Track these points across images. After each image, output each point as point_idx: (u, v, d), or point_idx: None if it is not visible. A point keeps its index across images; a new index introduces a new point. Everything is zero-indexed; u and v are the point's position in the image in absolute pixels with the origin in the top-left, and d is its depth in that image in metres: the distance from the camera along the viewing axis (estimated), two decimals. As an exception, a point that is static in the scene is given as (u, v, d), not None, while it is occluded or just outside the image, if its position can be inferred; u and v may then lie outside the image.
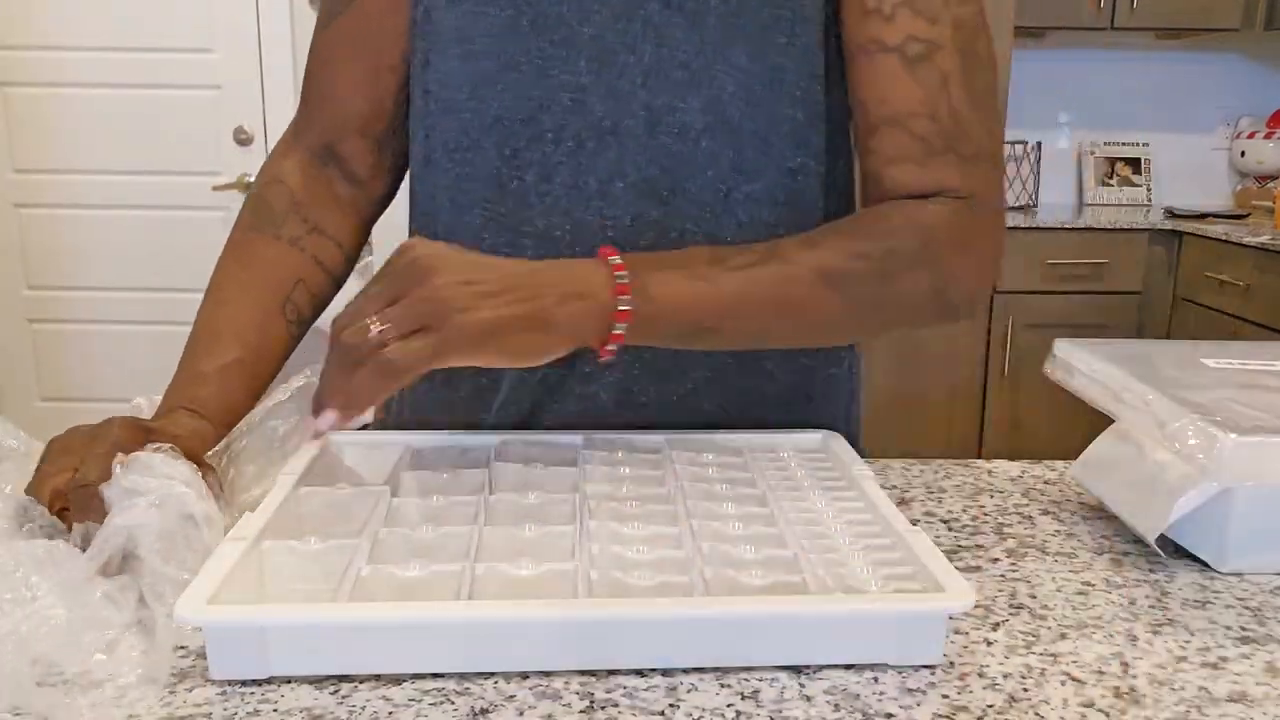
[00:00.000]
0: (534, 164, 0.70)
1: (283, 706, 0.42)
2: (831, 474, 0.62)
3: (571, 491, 0.58)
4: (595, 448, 0.65)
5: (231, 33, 3.06)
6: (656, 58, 0.68)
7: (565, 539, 0.52)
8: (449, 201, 0.73)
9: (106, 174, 3.13)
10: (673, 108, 0.68)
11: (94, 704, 0.41)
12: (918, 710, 0.42)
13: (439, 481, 0.59)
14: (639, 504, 0.56)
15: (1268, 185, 3.25)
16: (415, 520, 0.54)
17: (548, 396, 0.72)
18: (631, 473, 0.61)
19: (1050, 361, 0.70)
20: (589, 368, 0.71)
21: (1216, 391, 0.60)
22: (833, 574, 0.48)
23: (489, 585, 0.47)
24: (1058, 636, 0.48)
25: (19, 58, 3.05)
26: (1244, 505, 0.54)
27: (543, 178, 0.70)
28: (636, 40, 0.68)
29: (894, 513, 0.53)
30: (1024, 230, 2.84)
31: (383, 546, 0.50)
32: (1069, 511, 0.65)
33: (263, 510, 0.52)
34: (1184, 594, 0.53)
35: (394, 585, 0.47)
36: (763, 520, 0.54)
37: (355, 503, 0.56)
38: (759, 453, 0.65)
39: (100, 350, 3.21)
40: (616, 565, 0.48)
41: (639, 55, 0.68)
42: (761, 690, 0.43)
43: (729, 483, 0.60)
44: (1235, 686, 0.44)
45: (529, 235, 0.70)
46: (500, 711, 0.41)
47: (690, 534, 0.52)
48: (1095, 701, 0.43)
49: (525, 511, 0.56)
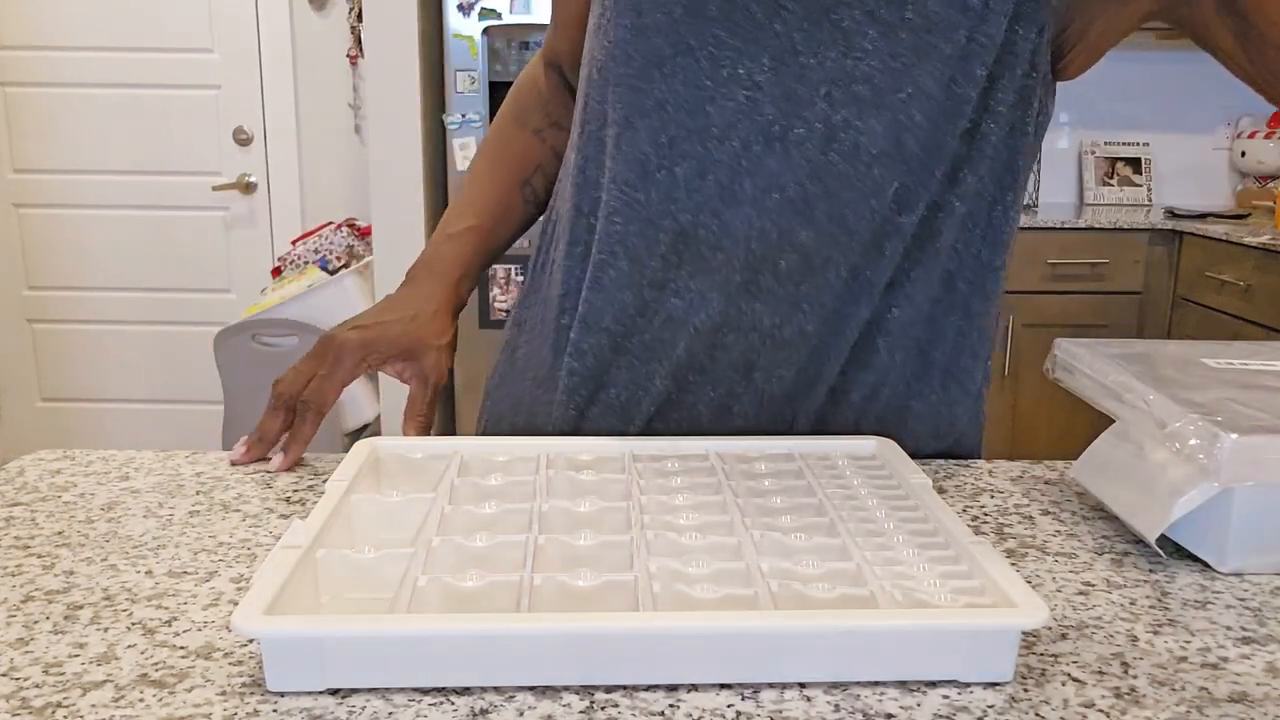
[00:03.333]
0: (690, 157, 0.67)
1: (283, 707, 0.41)
2: (889, 482, 0.60)
3: (624, 499, 0.57)
4: (645, 454, 0.64)
5: (231, 33, 3.06)
6: (841, 67, 0.64)
7: (622, 549, 0.51)
8: (592, 177, 0.72)
9: (106, 174, 3.13)
10: (851, 125, 0.65)
11: (94, 704, 0.41)
12: (918, 710, 0.42)
13: (490, 489, 0.58)
14: (695, 513, 0.55)
15: (1268, 185, 3.25)
16: (468, 528, 0.53)
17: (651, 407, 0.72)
18: (684, 481, 0.60)
19: (1050, 361, 0.70)
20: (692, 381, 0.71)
21: (1216, 391, 0.60)
22: (900, 587, 0.47)
23: (547, 596, 0.46)
24: (1058, 636, 0.48)
25: (19, 58, 3.05)
26: (1244, 505, 0.54)
27: (696, 173, 0.67)
28: (822, 44, 0.64)
29: (956, 522, 0.52)
30: (1024, 230, 2.84)
31: (436, 555, 0.50)
32: (1069, 511, 0.65)
33: (315, 517, 0.51)
34: (1184, 594, 0.53)
35: (451, 596, 0.46)
36: (823, 530, 0.53)
37: (406, 510, 0.55)
38: (812, 460, 0.64)
39: (100, 350, 3.22)
40: (678, 578, 0.48)
41: (821, 60, 0.64)
42: (761, 691, 0.43)
43: (785, 492, 0.58)
44: (1236, 687, 0.44)
45: (666, 230, 0.68)
46: (500, 712, 0.41)
47: (752, 545, 0.51)
48: (1095, 702, 0.43)
49: (579, 520, 0.55)
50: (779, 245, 0.67)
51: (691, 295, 0.69)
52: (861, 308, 0.69)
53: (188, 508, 0.62)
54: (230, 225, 3.16)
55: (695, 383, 0.71)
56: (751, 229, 0.67)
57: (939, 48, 0.64)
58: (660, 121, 0.67)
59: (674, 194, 0.68)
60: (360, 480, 0.58)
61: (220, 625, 0.48)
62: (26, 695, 0.42)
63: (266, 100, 3.08)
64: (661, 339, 0.70)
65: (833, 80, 0.64)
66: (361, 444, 0.63)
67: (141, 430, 3.25)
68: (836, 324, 0.69)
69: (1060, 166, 3.39)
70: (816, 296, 0.68)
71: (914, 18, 0.63)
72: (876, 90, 0.64)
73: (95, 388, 3.23)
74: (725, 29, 0.65)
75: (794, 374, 0.70)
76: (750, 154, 0.66)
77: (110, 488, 0.65)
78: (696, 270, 0.69)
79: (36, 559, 0.55)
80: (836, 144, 0.65)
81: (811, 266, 0.67)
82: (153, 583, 0.52)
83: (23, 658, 0.45)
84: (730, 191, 0.67)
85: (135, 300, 3.18)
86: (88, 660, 0.45)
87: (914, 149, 0.65)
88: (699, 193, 0.67)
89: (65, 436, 3.22)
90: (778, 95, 0.65)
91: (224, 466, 0.70)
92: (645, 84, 0.67)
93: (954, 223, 0.69)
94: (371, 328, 0.74)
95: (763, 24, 0.65)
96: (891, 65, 0.64)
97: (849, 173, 0.65)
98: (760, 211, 0.66)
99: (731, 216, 0.67)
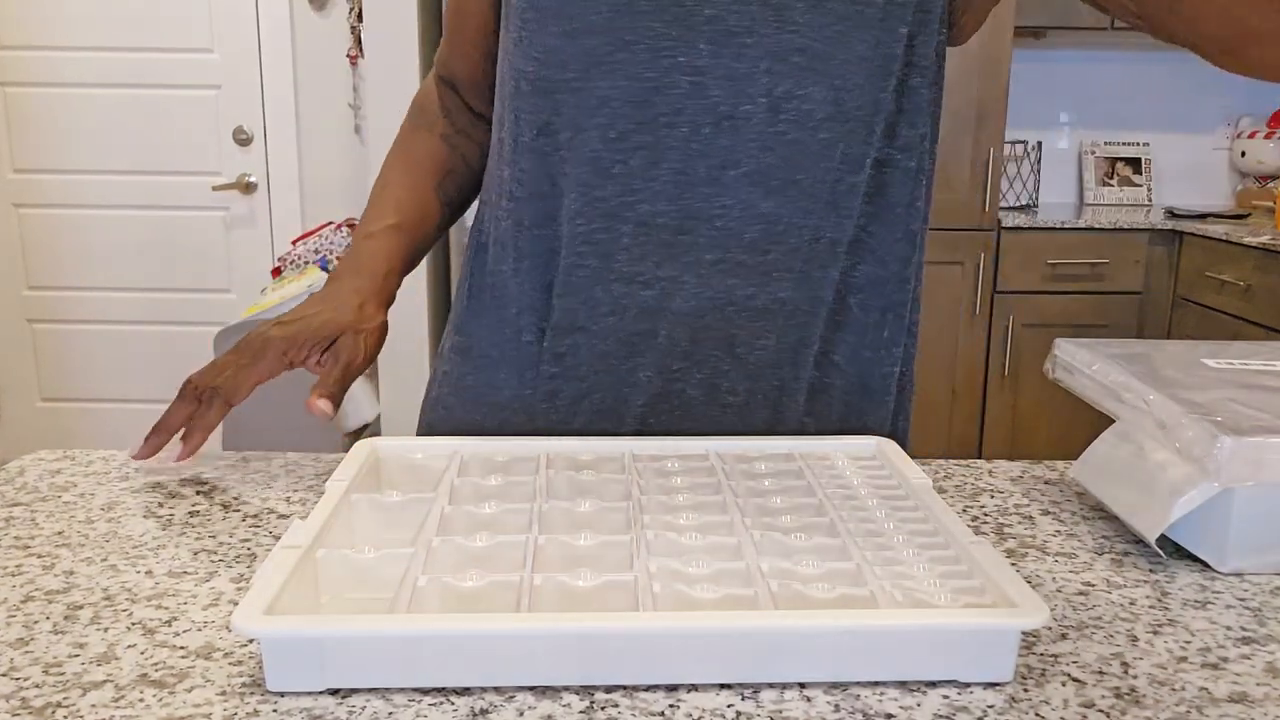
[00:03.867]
0: (642, 148, 0.68)
1: (282, 707, 0.41)
2: (889, 482, 0.60)
3: (624, 499, 0.57)
4: (645, 454, 0.64)
5: (231, 33, 3.06)
6: (777, 42, 0.66)
7: (622, 549, 0.51)
8: (546, 185, 0.72)
9: (106, 174, 3.13)
10: (794, 95, 0.67)
11: (94, 704, 0.41)
12: (918, 710, 0.42)
13: (489, 489, 0.58)
14: (695, 513, 0.55)
15: (1268, 185, 3.25)
16: (468, 529, 0.53)
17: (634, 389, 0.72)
18: (684, 481, 0.60)
19: (1050, 361, 0.70)
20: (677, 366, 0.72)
21: (1216, 391, 0.60)
22: (900, 587, 0.47)
23: (547, 596, 0.46)
24: (1058, 636, 0.48)
25: (19, 58, 3.05)
26: (1244, 505, 0.54)
27: (650, 163, 0.68)
28: (756, 22, 0.66)
29: (956, 522, 0.52)
30: (1024, 230, 2.84)
31: (436, 555, 0.50)
32: (1069, 511, 0.65)
33: (315, 517, 0.51)
34: (1184, 594, 0.53)
35: (451, 596, 0.46)
36: (823, 530, 0.53)
37: (406, 510, 0.55)
38: (812, 460, 0.64)
39: (100, 350, 3.22)
40: (678, 578, 0.48)
41: (758, 37, 0.66)
42: (761, 691, 0.43)
43: (785, 492, 0.58)
44: (1236, 687, 0.44)
45: (628, 220, 0.69)
46: (500, 712, 0.41)
47: (752, 545, 0.51)
48: (1095, 702, 0.43)
49: (579, 520, 0.55)
50: (742, 219, 0.69)
51: (663, 284, 0.70)
52: (830, 269, 0.72)
53: (188, 508, 0.62)
54: (230, 225, 3.15)
55: (681, 370, 0.72)
56: (713, 208, 0.68)
57: (864, 12, 0.67)
58: (608, 118, 0.68)
59: (631, 185, 0.69)
60: (360, 480, 0.58)
61: (220, 625, 0.48)
62: (26, 695, 0.42)
63: (266, 100, 3.08)
64: (639, 331, 0.71)
65: (772, 54, 0.66)
66: (361, 444, 0.63)
67: (141, 430, 3.25)
68: (808, 287, 0.71)
69: (1060, 166, 3.39)
70: (785, 262, 0.70)
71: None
72: (813, 59, 0.67)
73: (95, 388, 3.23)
74: (659, 20, 0.66)
75: (775, 341, 0.72)
76: (701, 136, 0.67)
77: (110, 488, 0.65)
78: (664, 259, 0.70)
79: (36, 559, 0.55)
80: (784, 114, 0.67)
81: (775, 234, 0.69)
82: (153, 583, 0.52)
83: (23, 658, 0.45)
84: (685, 175, 0.68)
85: (135, 300, 3.18)
86: (88, 660, 0.45)
87: (854, 108, 0.68)
88: (655, 181, 0.68)
89: (65, 436, 3.22)
90: (720, 76, 0.67)
91: (224, 466, 0.70)
92: (586, 84, 0.68)
93: (901, 176, 0.72)
94: (294, 323, 0.72)
95: (694, 10, 0.66)
96: (824, 34, 0.66)
97: (800, 138, 0.68)
98: (719, 189, 0.68)
99: (690, 199, 0.68)
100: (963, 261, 2.84)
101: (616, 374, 0.72)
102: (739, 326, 0.71)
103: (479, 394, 0.77)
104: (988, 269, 2.84)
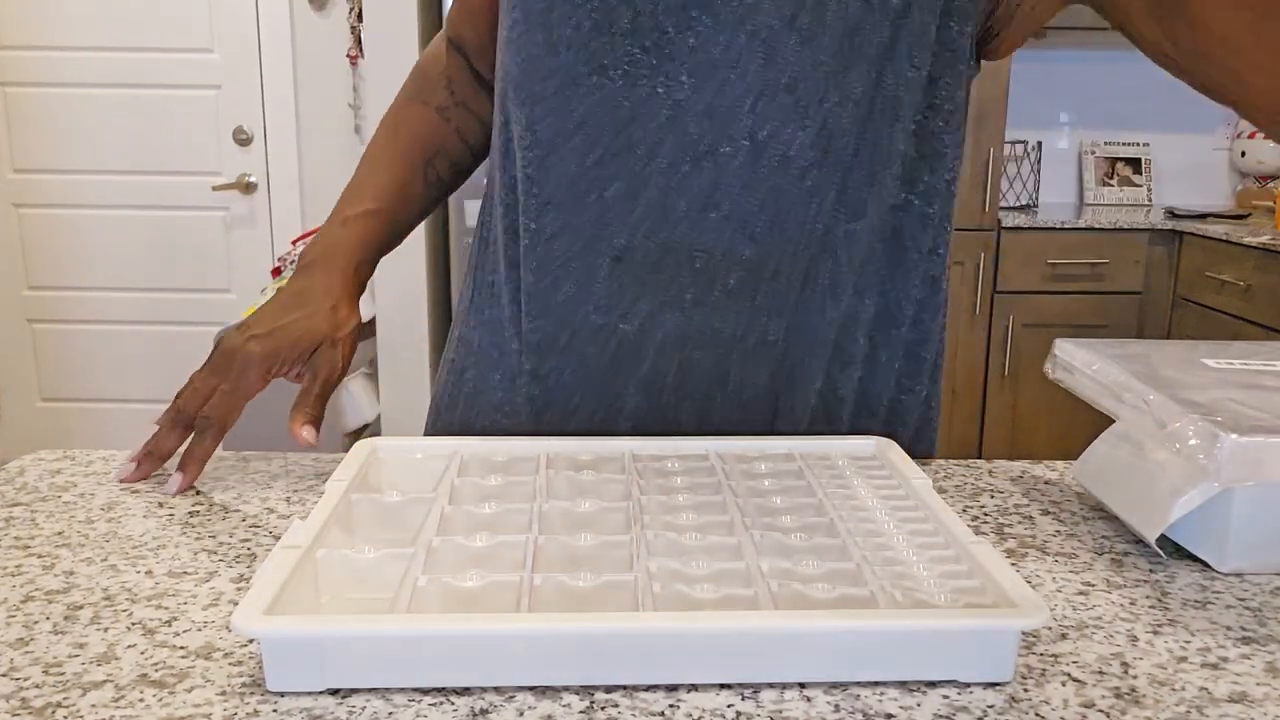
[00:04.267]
0: (619, 177, 0.65)
1: (282, 707, 0.41)
2: (889, 482, 0.60)
3: (624, 500, 0.57)
4: (645, 454, 0.64)
5: (231, 33, 3.06)
6: (763, 79, 0.62)
7: (622, 549, 0.51)
8: (528, 198, 0.68)
9: (106, 174, 3.13)
10: (778, 136, 0.63)
11: (94, 704, 0.41)
12: (918, 710, 0.42)
13: (490, 489, 0.58)
14: (695, 513, 0.55)
15: (1268, 185, 3.25)
16: (468, 529, 0.53)
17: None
18: (684, 482, 0.60)
19: (1050, 361, 0.70)
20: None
21: (1216, 391, 0.60)
22: (899, 587, 0.47)
23: (547, 596, 0.46)
24: (1058, 636, 0.48)
25: (19, 58, 3.05)
26: (1244, 505, 0.54)
27: (627, 194, 0.65)
28: (741, 55, 0.62)
29: (956, 522, 0.52)
30: (1024, 230, 2.84)
31: (437, 556, 0.50)
32: (1069, 511, 0.65)
33: (315, 517, 0.51)
34: (1184, 594, 0.53)
35: (451, 596, 0.46)
36: (823, 530, 0.53)
37: (406, 511, 0.55)
38: (812, 460, 0.64)
39: (100, 350, 3.22)
40: (678, 578, 0.48)
41: (743, 73, 0.62)
42: (761, 691, 0.43)
43: (785, 492, 0.58)
44: (1236, 687, 0.44)
45: (603, 255, 0.67)
46: (500, 712, 0.41)
47: (752, 545, 0.51)
48: (1095, 702, 0.43)
49: (579, 520, 0.55)
50: (724, 263, 0.65)
51: (641, 319, 0.68)
52: (828, 310, 0.68)
53: (188, 508, 0.62)
54: (230, 225, 3.15)
55: (670, 400, 0.70)
56: (694, 248, 0.65)
57: (862, 50, 0.62)
58: (584, 142, 0.65)
59: (607, 216, 0.66)
60: (360, 480, 0.58)
61: (220, 625, 0.48)
62: (26, 695, 0.42)
63: (266, 100, 3.08)
64: (622, 358, 0.69)
65: (756, 92, 0.62)
66: (361, 444, 0.63)
67: (141, 430, 3.25)
68: (803, 327, 0.68)
69: (1060, 166, 3.39)
70: (774, 304, 0.67)
71: (835, 22, 0.61)
72: (800, 98, 0.62)
73: (95, 388, 3.23)
74: (638, 45, 0.63)
75: (768, 377, 0.69)
76: (679, 173, 0.64)
77: (110, 488, 0.65)
78: (642, 293, 0.67)
79: (36, 559, 0.55)
80: (764, 158, 0.63)
81: (761, 277, 0.66)
82: (153, 583, 0.52)
83: (23, 658, 0.45)
84: (663, 211, 0.65)
85: (135, 300, 3.18)
86: (88, 660, 0.45)
87: (846, 154, 0.64)
88: (632, 214, 0.65)
89: (65, 436, 3.22)
90: (700, 112, 0.63)
91: (224, 467, 0.70)
92: (563, 103, 0.65)
93: (919, 222, 0.68)
94: (271, 336, 0.69)
95: (675, 39, 0.62)
96: (814, 73, 0.62)
97: (782, 184, 0.64)
98: (698, 230, 0.65)
99: (669, 236, 0.65)
100: (963, 261, 2.84)
101: (603, 398, 0.70)
102: (730, 363, 0.69)
103: (476, 390, 0.76)
104: (988, 269, 2.85)
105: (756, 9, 0.61)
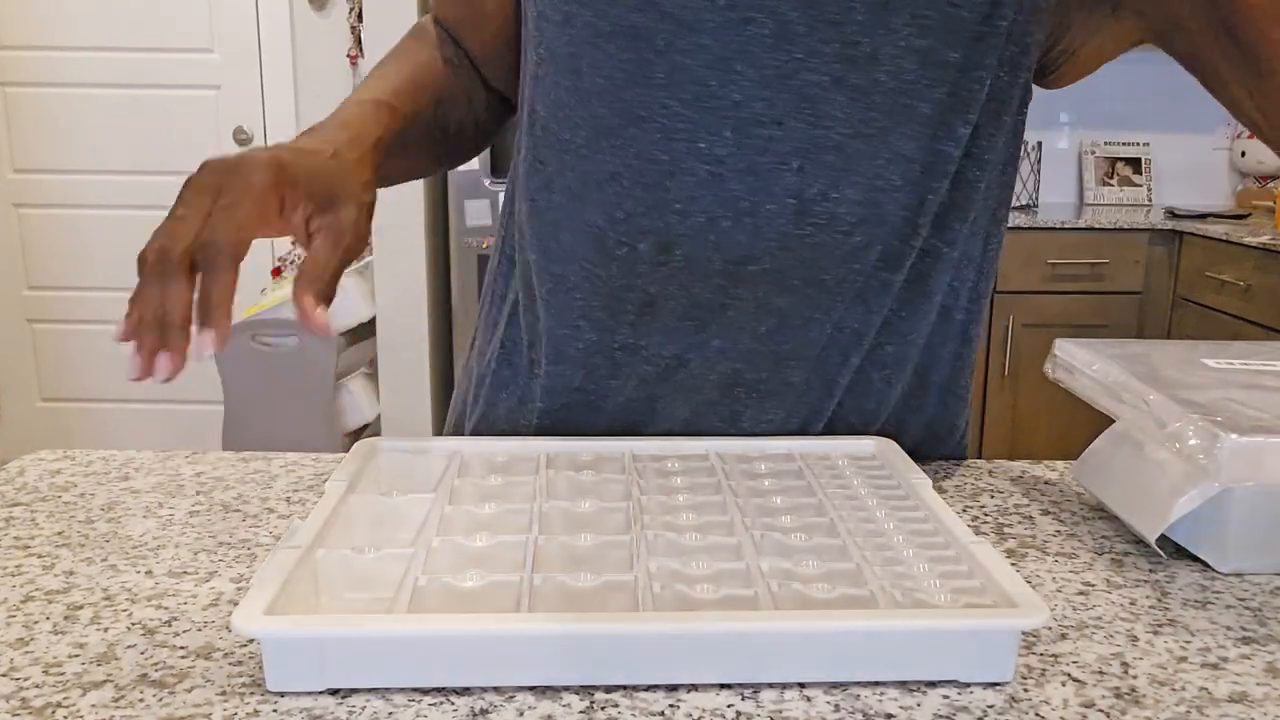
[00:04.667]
0: (650, 232, 0.62)
1: (282, 707, 0.41)
2: (889, 482, 0.60)
3: (624, 500, 0.57)
4: (645, 454, 0.64)
5: (231, 33, 3.06)
6: (809, 137, 0.59)
7: (622, 549, 0.51)
8: (552, 244, 0.66)
9: (106, 174, 3.13)
10: (826, 197, 0.60)
11: (94, 704, 0.41)
12: (918, 710, 0.42)
13: (490, 489, 0.58)
14: (695, 513, 0.55)
15: (1268, 185, 3.25)
16: (468, 529, 0.53)
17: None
18: (684, 482, 0.60)
19: (1050, 361, 0.70)
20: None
21: (1216, 391, 0.60)
22: (899, 587, 0.47)
23: (547, 596, 0.46)
24: (1058, 636, 0.48)
25: (19, 58, 3.05)
26: (1244, 505, 0.54)
27: (659, 248, 0.62)
28: (787, 113, 0.59)
29: (956, 522, 0.52)
30: (1024, 230, 2.84)
31: (436, 556, 0.50)
32: (1069, 511, 0.65)
33: (315, 517, 0.51)
34: (1184, 594, 0.53)
35: (451, 596, 0.46)
36: (823, 530, 0.53)
37: (406, 510, 0.55)
38: (813, 460, 0.64)
39: (100, 350, 3.22)
40: (678, 578, 0.48)
41: (787, 131, 0.59)
42: (761, 691, 0.43)
43: (785, 492, 0.58)
44: (1236, 687, 0.44)
45: (631, 302, 0.65)
46: (500, 712, 0.41)
47: (752, 545, 0.51)
48: (1095, 702, 0.43)
49: (579, 520, 0.55)
50: (756, 314, 0.64)
51: (665, 360, 0.66)
52: (851, 356, 0.67)
53: (188, 508, 0.62)
54: (230, 225, 3.15)
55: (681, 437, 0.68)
56: (725, 299, 0.63)
57: (916, 108, 0.60)
58: (615, 195, 0.62)
59: (637, 269, 0.63)
60: (360, 480, 0.58)
61: (220, 625, 0.48)
62: (26, 695, 0.42)
63: (266, 100, 3.08)
64: (637, 399, 0.68)
65: (801, 152, 0.60)
66: (361, 444, 0.63)
67: (141, 430, 3.25)
68: (824, 372, 0.67)
69: (1060, 166, 3.39)
70: (799, 351, 0.66)
71: (887, 80, 0.59)
72: (848, 158, 0.60)
73: (95, 388, 3.23)
74: (675, 98, 0.60)
75: (783, 417, 0.69)
76: (718, 229, 0.61)
77: (110, 488, 0.65)
78: (668, 340, 0.66)
79: (36, 559, 0.55)
80: (811, 217, 0.61)
81: (791, 326, 0.65)
82: (153, 583, 0.52)
83: (23, 658, 0.45)
84: (697, 264, 0.62)
85: (135, 300, 3.17)
86: (88, 660, 0.45)
87: (894, 211, 0.62)
88: (665, 266, 0.63)
89: (65, 436, 3.22)
90: (742, 169, 0.60)
91: (224, 466, 0.70)
92: (594, 154, 0.62)
93: (946, 266, 0.67)
94: (284, 150, 0.53)
95: (717, 93, 0.59)
96: (864, 131, 0.59)
97: (826, 242, 0.62)
98: (733, 282, 0.63)
99: (701, 289, 0.63)
100: (963, 261, 2.84)
101: (613, 431, 0.70)
102: (745, 404, 0.68)
103: (492, 392, 0.75)
104: (988, 269, 2.84)
105: (804, 65, 0.59)
